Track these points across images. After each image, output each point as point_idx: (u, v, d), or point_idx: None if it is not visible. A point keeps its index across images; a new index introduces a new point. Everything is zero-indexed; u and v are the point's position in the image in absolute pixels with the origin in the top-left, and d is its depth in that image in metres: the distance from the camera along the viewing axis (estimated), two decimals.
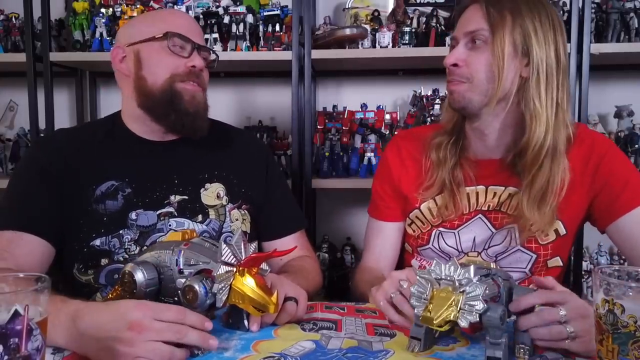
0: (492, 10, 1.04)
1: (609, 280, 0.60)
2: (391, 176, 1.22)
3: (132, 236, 1.09)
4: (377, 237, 1.26)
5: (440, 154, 1.15)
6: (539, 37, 1.03)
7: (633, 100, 1.97)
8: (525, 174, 1.07)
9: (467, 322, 0.71)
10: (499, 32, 1.02)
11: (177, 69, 1.10)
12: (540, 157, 1.04)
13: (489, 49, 1.04)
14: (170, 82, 1.10)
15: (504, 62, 1.02)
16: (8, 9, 2.05)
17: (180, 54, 1.11)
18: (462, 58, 1.06)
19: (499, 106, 1.06)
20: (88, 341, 0.72)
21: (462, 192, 1.13)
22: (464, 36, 1.07)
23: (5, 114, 2.35)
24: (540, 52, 1.03)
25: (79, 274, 1.09)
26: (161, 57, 1.10)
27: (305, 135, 1.89)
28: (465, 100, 1.07)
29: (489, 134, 1.12)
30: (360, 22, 1.97)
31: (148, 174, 1.13)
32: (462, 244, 1.16)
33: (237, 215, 1.19)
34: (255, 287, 0.79)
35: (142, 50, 1.12)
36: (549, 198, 1.05)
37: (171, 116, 1.11)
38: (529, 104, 1.04)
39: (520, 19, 1.02)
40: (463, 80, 1.06)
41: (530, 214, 1.05)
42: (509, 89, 1.04)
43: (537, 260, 1.13)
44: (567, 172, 1.06)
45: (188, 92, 1.11)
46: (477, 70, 1.05)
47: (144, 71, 1.11)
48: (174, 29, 1.11)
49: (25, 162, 1.18)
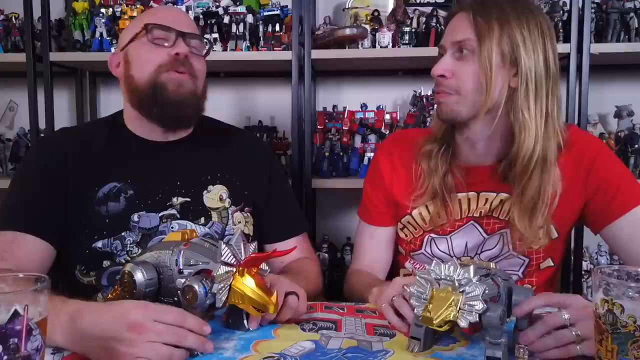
0: (480, 19, 1.01)
1: (608, 280, 0.61)
2: (383, 182, 1.21)
3: (134, 238, 1.08)
4: (369, 241, 1.25)
5: (431, 163, 1.13)
6: (527, 47, 1.00)
7: (633, 100, 1.96)
8: (516, 184, 1.06)
9: (466, 322, 0.71)
10: (486, 42, 0.99)
11: (162, 60, 1.08)
12: (530, 168, 1.03)
13: (476, 59, 1.01)
14: (156, 74, 1.08)
15: (491, 72, 0.99)
16: (8, 9, 2.05)
17: (162, 44, 1.09)
18: (449, 69, 1.04)
19: (488, 116, 1.04)
20: (88, 341, 0.72)
21: (454, 199, 1.12)
22: (451, 45, 1.05)
23: (5, 114, 2.35)
24: (528, 62, 1.00)
25: (81, 276, 1.09)
26: (145, 52, 1.09)
27: (305, 135, 1.89)
28: (454, 113, 1.05)
29: (478, 143, 1.10)
30: (360, 22, 1.97)
31: (150, 176, 1.12)
32: (454, 249, 1.15)
33: (239, 217, 1.18)
34: (255, 287, 0.79)
35: (129, 51, 1.12)
36: (540, 208, 1.04)
37: (153, 108, 1.10)
38: (517, 115, 1.02)
39: (508, 28, 1.00)
40: (451, 92, 1.04)
41: (522, 224, 1.04)
42: (498, 100, 1.02)
43: (529, 264, 1.13)
44: (558, 182, 1.05)
45: (173, 82, 1.08)
46: (464, 81, 1.03)
47: (132, 70, 1.11)
48: (153, 21, 1.10)
49: (27, 162, 1.18)
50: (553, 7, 1.83)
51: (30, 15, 1.92)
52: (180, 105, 1.10)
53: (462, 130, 1.10)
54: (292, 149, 1.93)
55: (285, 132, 2.15)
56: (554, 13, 1.82)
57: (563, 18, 1.83)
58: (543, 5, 1.84)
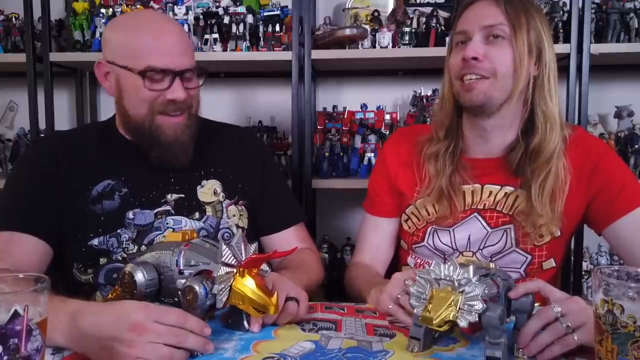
0: (509, 7, 1.04)
1: (608, 281, 0.61)
2: (388, 172, 1.23)
3: (130, 235, 1.09)
4: (372, 232, 1.26)
5: (438, 164, 1.14)
6: (548, 39, 1.06)
7: (633, 100, 1.96)
8: (536, 174, 1.07)
9: (466, 322, 0.71)
10: (519, 29, 1.03)
11: (155, 101, 1.05)
12: (553, 158, 1.06)
13: (509, 45, 1.04)
14: (150, 114, 1.06)
15: (522, 59, 1.03)
16: (8, 9, 2.05)
17: (158, 88, 1.04)
18: (482, 52, 1.04)
19: (515, 103, 1.07)
20: (88, 340, 0.72)
21: (459, 193, 1.13)
22: (479, 30, 1.05)
23: (5, 114, 2.35)
24: (549, 53, 1.06)
25: (79, 274, 1.09)
26: (140, 92, 1.04)
27: (305, 136, 1.89)
28: (487, 97, 1.05)
29: (493, 132, 1.12)
30: (360, 22, 1.97)
31: (144, 173, 1.13)
32: (456, 242, 1.16)
33: (234, 211, 1.19)
34: (255, 288, 0.79)
35: (121, 76, 1.06)
36: (558, 195, 1.07)
37: (153, 152, 1.10)
38: (541, 105, 1.06)
39: (532, 20, 1.05)
40: (486, 75, 1.04)
41: (544, 211, 1.06)
42: (523, 87, 1.05)
43: (532, 262, 1.13)
44: (567, 170, 1.08)
45: (169, 126, 1.07)
46: (500, 64, 1.04)
47: (125, 101, 1.08)
48: (154, 62, 1.02)
49: (20, 163, 1.19)
50: (553, 7, 1.83)
51: (30, 15, 1.92)
52: (176, 145, 1.09)
53: (480, 119, 1.10)
54: (292, 149, 1.92)
55: (285, 132, 2.15)
56: (554, 13, 1.82)
57: (563, 18, 1.83)
58: (543, 6, 1.84)
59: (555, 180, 1.06)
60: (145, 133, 1.08)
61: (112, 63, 1.07)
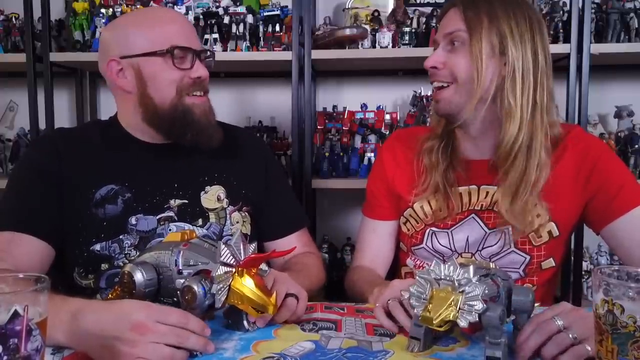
0: (469, 12, 1.06)
1: (608, 281, 0.60)
2: (385, 175, 1.23)
3: (132, 241, 1.08)
4: (371, 236, 1.26)
5: (432, 158, 1.16)
6: (515, 38, 1.05)
7: (633, 100, 1.97)
8: (499, 169, 1.09)
9: (466, 322, 0.71)
10: (476, 34, 1.05)
11: (182, 82, 1.07)
12: (513, 153, 1.06)
13: (467, 50, 1.06)
14: (179, 97, 1.08)
15: (482, 62, 1.04)
16: (8, 9, 2.05)
17: (183, 66, 1.07)
18: (441, 60, 1.09)
19: (480, 105, 1.07)
20: (89, 339, 0.72)
21: (455, 193, 1.14)
22: (443, 38, 1.10)
23: (5, 114, 2.35)
24: (516, 53, 1.04)
25: (80, 278, 1.09)
26: (167, 74, 1.07)
27: (305, 136, 1.89)
28: (452, 105, 1.09)
29: (475, 135, 1.14)
30: (360, 22, 1.98)
31: (147, 178, 1.12)
32: (455, 244, 1.16)
33: (237, 217, 1.18)
34: (254, 287, 0.79)
35: (143, 66, 1.07)
36: (521, 193, 1.06)
37: (187, 135, 1.10)
38: (504, 102, 1.06)
39: (496, 21, 1.05)
40: (446, 82, 1.08)
41: (504, 207, 1.07)
42: (488, 88, 1.06)
43: (530, 262, 1.13)
44: (543, 170, 1.07)
45: (198, 106, 1.09)
46: (459, 70, 1.07)
47: (150, 89, 1.08)
48: (177, 42, 1.06)
49: (21, 162, 1.18)
50: (553, 7, 1.83)
51: (30, 15, 1.92)
52: (209, 127, 1.11)
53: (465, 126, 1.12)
54: (292, 149, 1.93)
55: (285, 132, 2.16)
56: (554, 13, 1.83)
57: (563, 18, 1.83)
58: (543, 6, 1.85)
59: (520, 177, 1.06)
60: (178, 115, 1.08)
61: (129, 56, 1.07)
